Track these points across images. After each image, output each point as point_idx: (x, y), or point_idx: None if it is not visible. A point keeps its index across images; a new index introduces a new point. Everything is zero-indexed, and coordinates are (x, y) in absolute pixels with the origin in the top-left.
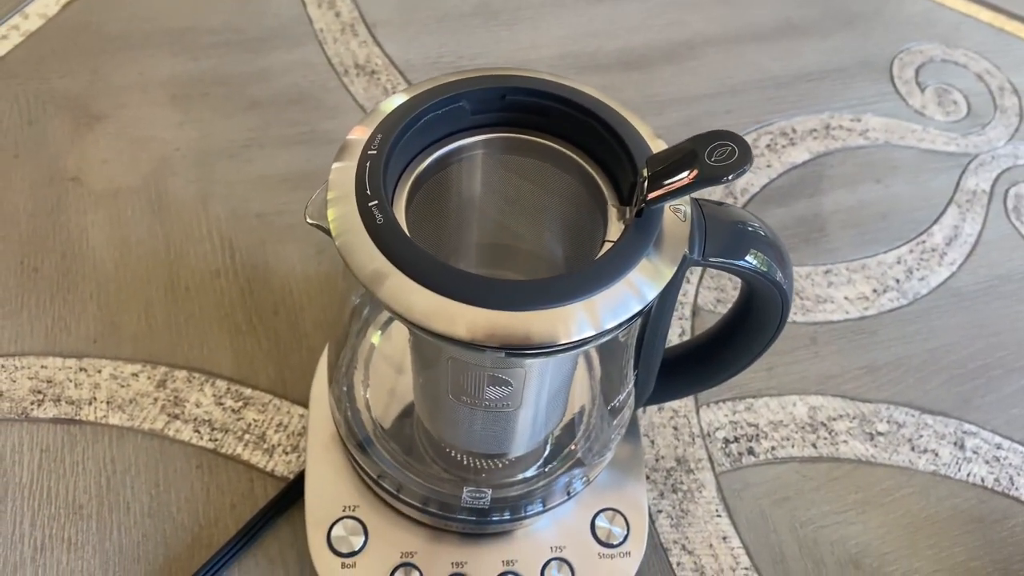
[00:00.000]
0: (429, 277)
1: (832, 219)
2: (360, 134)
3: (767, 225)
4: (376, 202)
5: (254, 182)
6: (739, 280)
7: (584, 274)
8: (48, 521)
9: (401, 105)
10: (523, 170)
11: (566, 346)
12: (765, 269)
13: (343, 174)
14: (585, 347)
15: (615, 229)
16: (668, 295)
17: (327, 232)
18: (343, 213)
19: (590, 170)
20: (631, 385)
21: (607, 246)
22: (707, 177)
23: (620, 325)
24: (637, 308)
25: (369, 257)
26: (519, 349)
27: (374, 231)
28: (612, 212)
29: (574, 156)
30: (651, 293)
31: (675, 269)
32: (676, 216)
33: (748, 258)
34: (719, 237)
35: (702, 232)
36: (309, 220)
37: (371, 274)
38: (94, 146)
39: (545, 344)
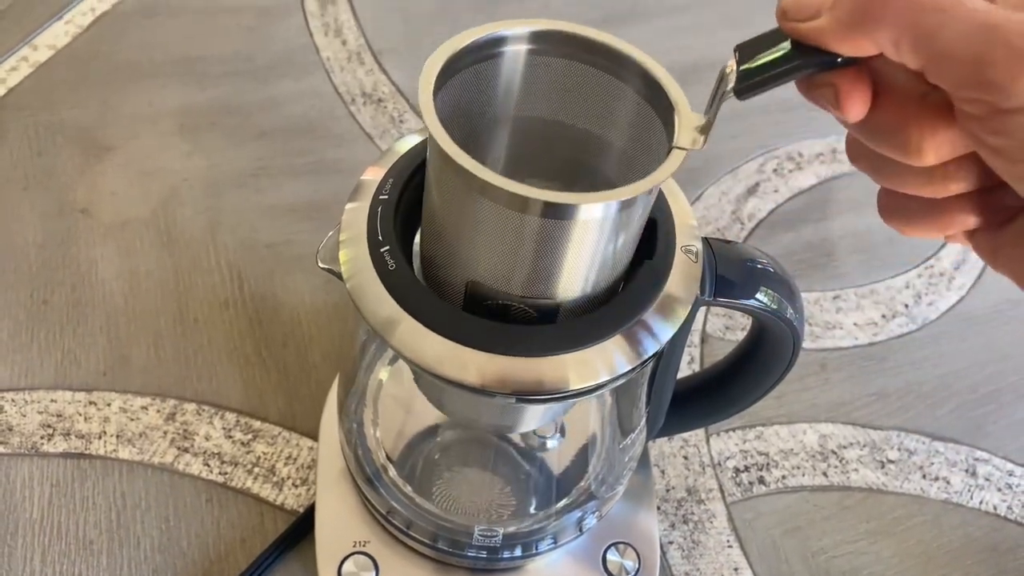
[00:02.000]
0: (440, 323)
1: (840, 244)
2: (374, 175)
3: (776, 261)
4: (388, 247)
5: (263, 212)
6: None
7: (599, 317)
8: (59, 557)
9: (415, 147)
10: (573, 72)
11: (580, 391)
12: (775, 306)
13: (356, 215)
14: (601, 391)
15: (687, 136)
16: (680, 334)
17: (339, 276)
18: (355, 256)
19: (654, 73)
20: (643, 421)
21: (675, 154)
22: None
23: (634, 369)
24: (651, 351)
25: (380, 302)
26: (531, 395)
27: (385, 276)
28: (684, 118)
29: (635, 58)
30: (665, 335)
31: (688, 310)
32: (688, 257)
33: (759, 296)
34: (730, 276)
35: (712, 271)
36: (321, 264)
37: (383, 320)
38: (103, 177)
39: (558, 390)
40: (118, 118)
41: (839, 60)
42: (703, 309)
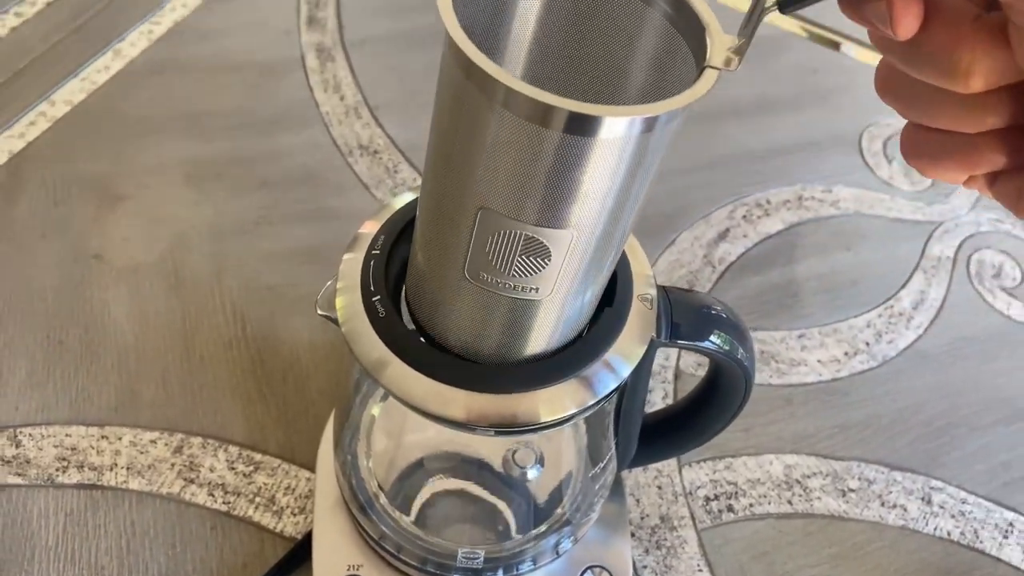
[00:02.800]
0: (426, 365)
1: (805, 286)
2: (369, 228)
3: (728, 308)
4: (378, 297)
5: (265, 257)
6: None
7: (566, 357)
8: None
9: (407, 204)
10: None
11: (551, 423)
12: (727, 348)
13: (351, 266)
14: (569, 423)
15: (719, 56)
16: (640, 372)
17: (335, 323)
18: (350, 302)
19: None
20: (613, 450)
21: (708, 73)
22: None
23: (599, 401)
24: (612, 386)
25: (372, 346)
26: (507, 427)
27: (376, 322)
28: (717, 38)
29: None
30: (625, 371)
31: (644, 350)
32: (644, 304)
33: (712, 338)
34: (685, 320)
35: (669, 316)
36: (320, 312)
37: (374, 362)
38: (116, 225)
39: (531, 423)
40: (130, 169)
41: None
42: (675, 350)
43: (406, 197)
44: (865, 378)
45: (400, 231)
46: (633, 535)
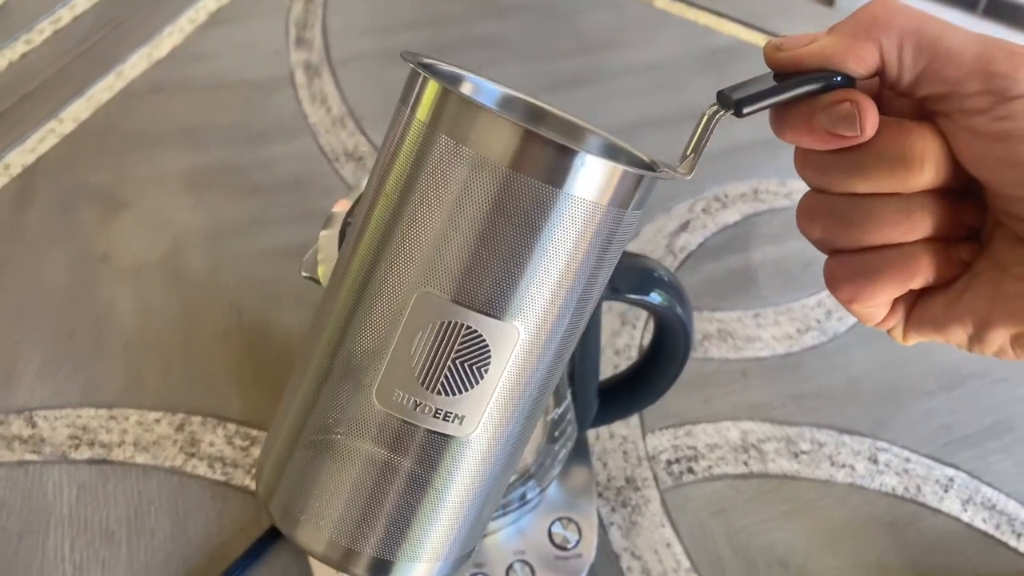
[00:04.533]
0: None
1: (760, 270)
2: (342, 207)
3: (671, 272)
4: None
5: (258, 255)
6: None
7: None
8: (85, 546)
9: None
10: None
11: None
12: (667, 303)
13: (329, 240)
14: None
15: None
16: (590, 331)
17: (317, 282)
18: (330, 269)
19: (614, 140)
20: (568, 400)
21: (665, 172)
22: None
23: None
24: None
25: None
26: None
27: None
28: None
29: (593, 130)
30: None
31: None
32: None
33: (653, 294)
34: (631, 278)
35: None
36: (304, 274)
37: None
38: (120, 230)
39: None
40: (132, 179)
41: (837, 79)
42: (640, 326)
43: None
44: (816, 352)
45: None
46: (600, 495)
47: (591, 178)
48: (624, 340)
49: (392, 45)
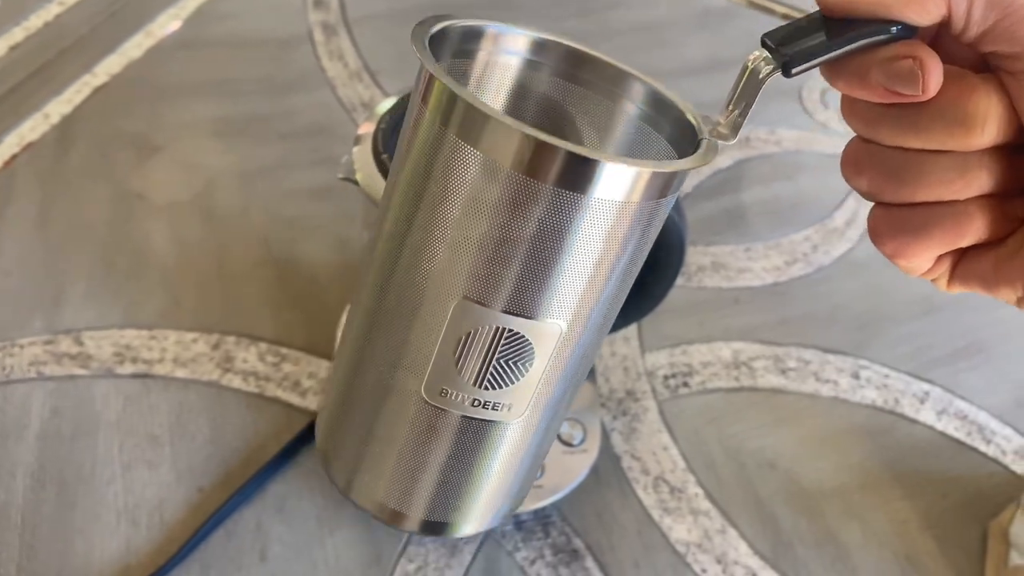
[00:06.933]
0: None
1: (751, 209)
2: (366, 129)
3: None
4: (386, 154)
5: (284, 195)
6: None
7: None
8: (132, 448)
9: (394, 104)
10: (566, 92)
11: None
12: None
13: (362, 152)
14: None
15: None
16: None
17: (354, 182)
18: (363, 165)
19: (655, 87)
20: None
21: (708, 143)
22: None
23: None
24: None
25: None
26: None
27: (384, 170)
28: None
29: (635, 74)
30: None
31: None
32: None
33: None
34: None
35: None
36: (340, 176)
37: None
38: (154, 171)
39: None
40: (164, 126)
41: (895, 30)
42: None
43: (388, 102)
44: (803, 282)
45: (402, 110)
46: (603, 406)
47: (626, 183)
48: None
49: (404, 7)
